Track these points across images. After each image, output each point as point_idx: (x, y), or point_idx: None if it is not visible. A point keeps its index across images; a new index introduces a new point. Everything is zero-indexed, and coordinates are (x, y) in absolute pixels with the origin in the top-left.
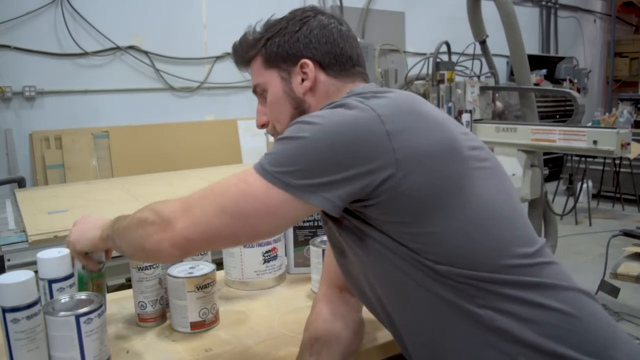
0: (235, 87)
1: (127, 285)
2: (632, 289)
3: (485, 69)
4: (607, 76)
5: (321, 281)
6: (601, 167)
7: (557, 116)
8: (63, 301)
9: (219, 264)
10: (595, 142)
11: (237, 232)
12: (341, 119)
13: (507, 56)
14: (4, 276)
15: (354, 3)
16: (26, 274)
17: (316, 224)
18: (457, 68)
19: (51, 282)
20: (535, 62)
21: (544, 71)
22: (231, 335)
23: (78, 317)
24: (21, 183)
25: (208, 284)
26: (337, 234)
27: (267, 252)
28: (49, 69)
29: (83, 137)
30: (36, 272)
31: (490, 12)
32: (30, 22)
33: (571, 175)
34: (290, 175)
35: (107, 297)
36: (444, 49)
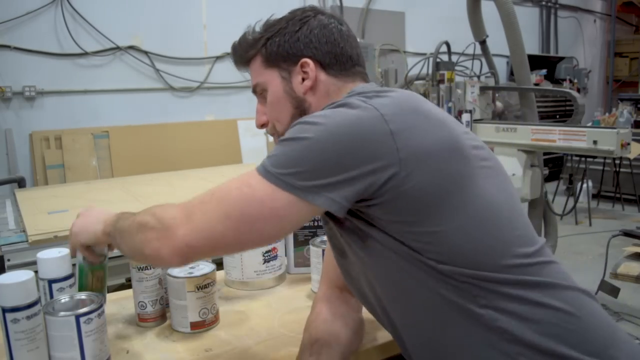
0: (235, 87)
1: (127, 285)
2: (632, 289)
3: (485, 69)
4: (607, 76)
5: (321, 281)
6: (601, 167)
7: (557, 116)
8: (63, 301)
9: (219, 264)
10: (595, 142)
11: (242, 238)
12: (345, 119)
13: (507, 56)
14: (4, 276)
15: (354, 3)
16: (26, 274)
17: (316, 223)
18: (457, 68)
19: (51, 282)
20: (535, 62)
21: (544, 71)
22: (231, 335)
23: (78, 317)
24: (21, 183)
25: (208, 284)
26: (338, 234)
27: (267, 252)
28: (49, 69)
29: (83, 137)
30: (36, 272)
31: (490, 12)
32: (30, 22)
33: (571, 175)
34: (295, 176)
35: (107, 297)
36: (444, 49)
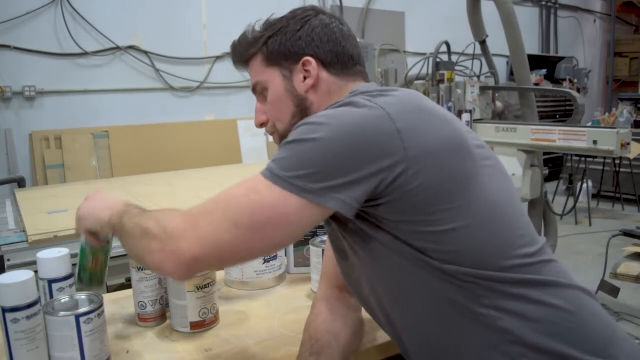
0: (235, 87)
1: (127, 285)
2: (632, 289)
3: (485, 69)
4: (607, 76)
5: (321, 281)
6: (601, 167)
7: (557, 116)
8: (63, 301)
9: None
10: (595, 142)
11: (251, 246)
12: (352, 118)
13: (507, 56)
14: (4, 276)
15: (354, 3)
16: (26, 274)
17: None
18: (457, 68)
19: (51, 282)
20: (535, 62)
21: (544, 71)
22: (231, 335)
23: (78, 317)
24: (21, 183)
25: (208, 284)
26: (341, 236)
27: None
28: (48, 69)
29: (83, 137)
30: (36, 272)
31: (490, 12)
32: (30, 22)
33: (571, 175)
34: (305, 179)
35: (107, 297)
36: (444, 49)
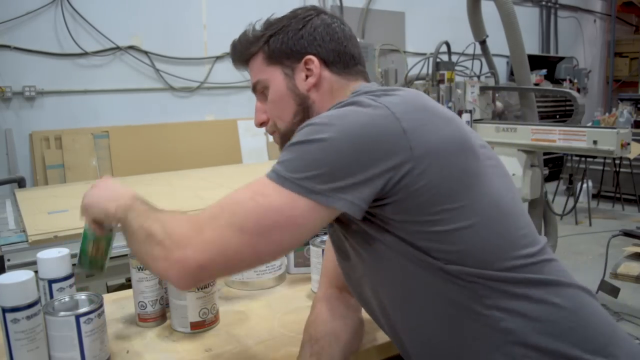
0: (235, 87)
1: (127, 285)
2: (632, 289)
3: (485, 69)
4: (607, 76)
5: (321, 281)
6: (601, 167)
7: (557, 116)
8: (63, 301)
9: None
10: (595, 142)
11: (258, 251)
12: (358, 118)
13: (507, 56)
14: (4, 276)
15: (354, 3)
16: (26, 274)
17: None
18: (457, 68)
19: (51, 282)
20: (535, 62)
21: (544, 71)
22: (231, 335)
23: (78, 317)
24: (21, 183)
25: (208, 284)
26: (343, 237)
27: None
28: (48, 69)
29: (83, 137)
30: (36, 272)
31: (490, 12)
32: (30, 22)
33: (571, 175)
34: (313, 180)
35: (107, 297)
36: (444, 49)
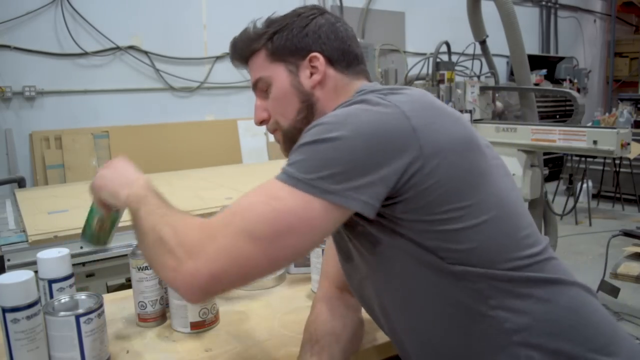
0: (235, 87)
1: (127, 285)
2: (632, 289)
3: (485, 69)
4: (607, 76)
5: (321, 281)
6: (601, 167)
7: (557, 116)
8: (63, 301)
9: None
10: (595, 142)
11: (275, 258)
12: (369, 116)
13: (507, 56)
14: (4, 276)
15: (354, 3)
16: (26, 274)
17: None
18: (457, 68)
19: (51, 282)
20: (535, 62)
21: (544, 71)
22: (231, 335)
23: (78, 317)
24: (21, 183)
25: None
26: (347, 238)
27: None
28: (49, 69)
29: (83, 137)
30: (36, 272)
31: (490, 12)
32: (30, 22)
33: (571, 175)
34: (327, 180)
35: (107, 297)
36: (444, 49)
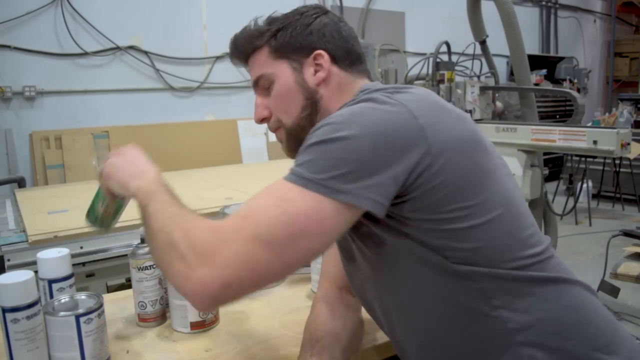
0: (235, 87)
1: (127, 285)
2: (632, 289)
3: (485, 69)
4: (607, 76)
5: (321, 281)
6: (601, 167)
7: (557, 116)
8: (63, 301)
9: None
10: (595, 142)
11: (288, 262)
12: (377, 115)
13: (507, 56)
14: (4, 276)
15: (354, 3)
16: (26, 274)
17: None
18: (457, 68)
19: (51, 282)
20: (535, 62)
21: (544, 71)
22: (231, 335)
23: (78, 317)
24: (21, 183)
25: None
26: (350, 238)
27: None
28: (48, 69)
29: (83, 137)
30: (36, 272)
31: (490, 12)
32: (30, 22)
33: (571, 175)
34: (338, 180)
35: (107, 297)
36: (444, 49)
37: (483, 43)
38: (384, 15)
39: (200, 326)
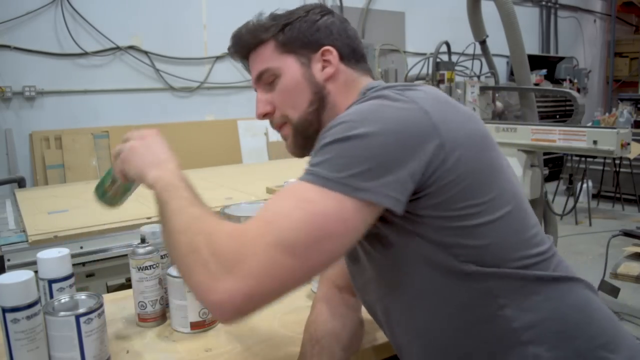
0: (235, 87)
1: (127, 285)
2: (632, 289)
3: (485, 69)
4: (607, 76)
5: (321, 281)
6: (601, 167)
7: (557, 116)
8: (63, 301)
9: None
10: (595, 142)
11: (311, 266)
12: (392, 112)
13: (507, 56)
14: (4, 276)
15: (354, 3)
16: (26, 274)
17: None
18: (457, 68)
19: (51, 282)
20: (535, 62)
21: (544, 71)
22: (231, 335)
23: (78, 317)
24: (21, 183)
25: None
26: None
27: None
28: (48, 69)
29: (83, 137)
30: (36, 272)
31: (490, 12)
32: (30, 22)
33: (571, 175)
34: (358, 178)
35: (107, 297)
36: (444, 49)
37: (483, 43)
38: (384, 15)
39: (200, 326)
